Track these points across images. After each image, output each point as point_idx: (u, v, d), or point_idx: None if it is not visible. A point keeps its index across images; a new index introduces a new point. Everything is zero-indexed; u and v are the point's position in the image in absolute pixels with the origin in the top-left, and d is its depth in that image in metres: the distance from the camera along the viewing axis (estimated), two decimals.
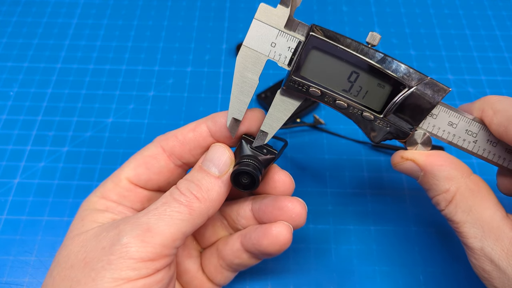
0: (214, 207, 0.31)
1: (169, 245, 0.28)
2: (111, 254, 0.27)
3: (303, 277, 0.42)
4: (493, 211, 0.29)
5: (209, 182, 0.31)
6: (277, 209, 0.33)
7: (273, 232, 0.32)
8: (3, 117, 0.53)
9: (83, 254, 0.28)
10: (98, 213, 0.32)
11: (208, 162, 0.31)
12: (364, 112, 0.32)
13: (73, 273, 0.28)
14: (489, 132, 0.32)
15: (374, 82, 0.31)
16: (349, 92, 0.32)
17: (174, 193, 0.30)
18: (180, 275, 0.36)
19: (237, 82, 0.32)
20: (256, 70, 0.32)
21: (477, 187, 0.30)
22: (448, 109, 0.32)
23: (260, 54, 0.31)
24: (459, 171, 0.31)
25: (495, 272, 0.29)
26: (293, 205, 0.33)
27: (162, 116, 0.53)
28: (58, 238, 0.44)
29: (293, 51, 0.31)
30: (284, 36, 0.31)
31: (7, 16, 0.63)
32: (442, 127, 0.33)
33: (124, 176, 0.33)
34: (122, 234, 0.28)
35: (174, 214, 0.29)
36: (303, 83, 0.31)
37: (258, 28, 0.31)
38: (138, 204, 0.34)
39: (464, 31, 0.62)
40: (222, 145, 0.32)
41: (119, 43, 0.60)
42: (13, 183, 0.48)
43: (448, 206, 0.31)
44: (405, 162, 0.33)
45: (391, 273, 0.42)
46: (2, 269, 0.42)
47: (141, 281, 0.27)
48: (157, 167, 0.34)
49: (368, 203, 0.47)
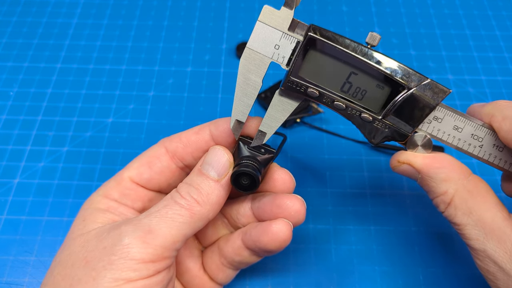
0: (214, 210, 0.31)
1: (169, 247, 0.28)
2: (113, 254, 0.27)
3: (303, 277, 0.42)
4: (493, 213, 0.29)
5: (209, 186, 0.31)
6: (276, 207, 0.33)
7: (273, 229, 0.32)
8: (3, 117, 0.53)
9: (84, 253, 0.28)
10: (100, 213, 0.32)
11: (207, 165, 0.31)
12: (363, 113, 0.32)
13: (74, 272, 0.28)
14: (495, 137, 0.32)
15: (373, 83, 0.31)
16: (347, 93, 0.31)
17: (175, 196, 0.31)
18: (182, 274, 0.36)
19: (241, 84, 0.32)
20: (260, 72, 0.31)
21: (476, 188, 0.30)
22: (453, 113, 0.32)
23: (263, 57, 0.31)
24: (457, 173, 0.31)
25: (499, 273, 0.28)
26: (292, 202, 0.33)
27: (162, 116, 0.53)
28: (58, 238, 0.44)
29: (291, 52, 0.31)
30: (288, 38, 0.31)
31: (7, 16, 0.63)
32: (447, 131, 0.32)
33: (126, 175, 0.34)
34: (123, 234, 0.28)
35: (175, 216, 0.29)
36: (301, 84, 0.31)
37: (262, 30, 0.31)
38: (139, 203, 0.34)
39: (464, 31, 0.62)
40: (221, 148, 0.32)
41: (119, 43, 0.60)
42: (13, 183, 0.48)
43: (447, 208, 0.31)
44: (402, 165, 0.33)
45: (391, 273, 0.42)
46: (2, 269, 0.42)
47: (141, 282, 0.27)
48: (159, 167, 0.34)
49: (368, 203, 0.47)
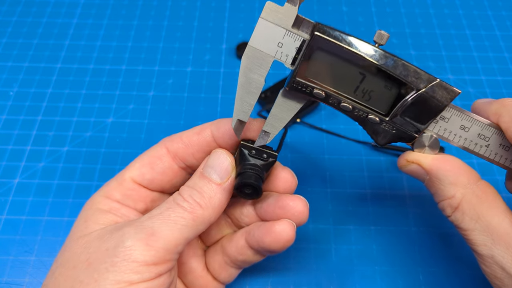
0: (216, 213, 0.31)
1: (172, 250, 0.28)
2: (115, 256, 0.27)
3: (303, 276, 0.42)
4: (502, 218, 0.29)
5: (211, 190, 0.31)
6: (279, 208, 0.33)
7: (276, 230, 0.32)
8: (3, 117, 0.53)
9: (86, 255, 0.28)
10: (101, 213, 0.32)
11: (209, 169, 0.31)
12: (370, 114, 0.31)
13: (76, 273, 0.28)
14: (502, 137, 0.31)
15: (381, 83, 0.30)
16: (354, 94, 0.31)
17: (178, 199, 0.30)
18: (185, 274, 0.36)
19: (242, 83, 0.31)
20: (262, 71, 0.30)
21: (485, 194, 0.30)
22: (460, 113, 0.31)
23: (266, 55, 0.30)
24: (466, 177, 0.30)
25: (507, 279, 0.28)
26: (294, 203, 0.33)
27: (162, 116, 0.53)
28: (58, 238, 0.44)
29: (297, 50, 0.30)
30: (292, 36, 0.30)
31: (7, 16, 0.63)
32: (453, 131, 0.31)
33: (128, 176, 0.34)
34: (126, 236, 0.28)
35: (178, 219, 0.29)
36: (307, 85, 0.30)
37: (264, 28, 0.29)
38: (141, 204, 0.34)
39: (464, 31, 0.62)
40: (224, 151, 0.32)
41: (119, 43, 0.60)
42: (13, 183, 0.48)
43: (454, 212, 0.30)
44: (410, 165, 0.32)
45: (391, 273, 0.42)
46: (2, 269, 0.42)
47: (143, 285, 0.27)
48: (161, 167, 0.34)
49: (368, 203, 0.47)
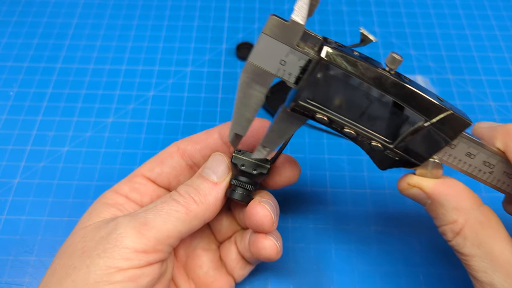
0: (210, 211, 0.32)
1: (163, 241, 0.29)
2: (107, 243, 0.28)
3: (303, 276, 0.42)
4: (503, 246, 0.28)
5: (207, 188, 0.32)
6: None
7: (261, 244, 0.33)
8: (3, 117, 0.53)
9: (82, 243, 0.29)
10: (105, 207, 0.33)
11: (207, 170, 0.33)
12: (373, 141, 0.29)
13: (71, 261, 0.29)
14: (507, 165, 0.30)
15: (388, 111, 0.29)
16: (359, 120, 0.29)
17: (173, 194, 0.32)
18: (195, 269, 0.37)
19: (241, 98, 0.29)
20: (262, 88, 0.29)
21: (487, 220, 0.29)
22: (468, 141, 0.30)
23: (267, 72, 0.28)
24: (469, 202, 0.29)
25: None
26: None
27: (162, 116, 0.53)
28: (58, 238, 0.44)
29: (301, 70, 0.28)
30: (296, 54, 0.27)
31: (7, 16, 0.63)
32: (458, 157, 0.30)
33: (139, 171, 0.36)
34: (119, 225, 0.29)
35: (171, 212, 0.30)
36: (310, 109, 0.28)
37: (266, 44, 0.27)
38: (147, 197, 0.35)
39: (464, 31, 0.62)
40: (222, 155, 0.34)
41: (119, 43, 0.60)
42: (13, 183, 0.48)
43: (456, 238, 0.30)
44: (412, 189, 0.32)
45: (391, 273, 0.42)
46: (2, 269, 0.42)
47: (131, 271, 0.28)
48: (171, 162, 0.36)
49: (368, 203, 0.47)
